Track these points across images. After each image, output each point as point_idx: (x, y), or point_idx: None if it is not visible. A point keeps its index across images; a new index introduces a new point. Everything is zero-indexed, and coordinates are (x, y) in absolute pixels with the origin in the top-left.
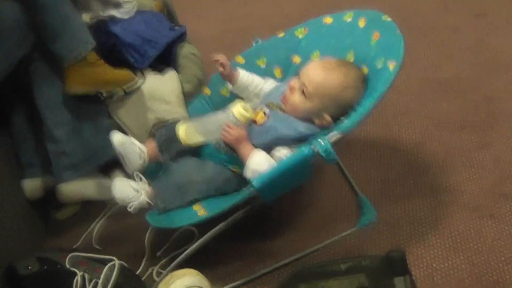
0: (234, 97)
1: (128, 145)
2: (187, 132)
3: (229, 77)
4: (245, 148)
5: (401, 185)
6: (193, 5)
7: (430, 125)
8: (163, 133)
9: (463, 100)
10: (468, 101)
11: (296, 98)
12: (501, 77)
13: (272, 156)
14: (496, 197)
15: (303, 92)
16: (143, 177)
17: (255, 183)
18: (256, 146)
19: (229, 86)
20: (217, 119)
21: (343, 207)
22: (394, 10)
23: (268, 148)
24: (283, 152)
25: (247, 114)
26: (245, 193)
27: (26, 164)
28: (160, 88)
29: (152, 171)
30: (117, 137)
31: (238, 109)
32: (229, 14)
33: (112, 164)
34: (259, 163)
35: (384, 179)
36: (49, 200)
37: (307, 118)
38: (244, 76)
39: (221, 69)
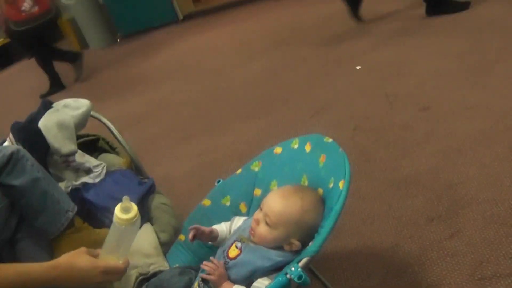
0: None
1: None
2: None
3: (209, 238)
4: (226, 286)
5: None
6: (161, 148)
7: (399, 225)
8: None
9: (425, 193)
10: (431, 192)
11: (262, 229)
12: (457, 163)
13: None
14: (479, 282)
15: (267, 223)
16: None
17: None
18: (235, 281)
19: (209, 243)
20: (110, 234)
21: None
22: (344, 120)
23: (247, 281)
24: (263, 283)
25: (126, 216)
26: None
27: None
28: (138, 243)
29: None
30: None
31: (115, 215)
32: (196, 150)
33: None
34: None
35: (367, 287)
36: None
37: (278, 246)
38: (222, 232)
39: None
